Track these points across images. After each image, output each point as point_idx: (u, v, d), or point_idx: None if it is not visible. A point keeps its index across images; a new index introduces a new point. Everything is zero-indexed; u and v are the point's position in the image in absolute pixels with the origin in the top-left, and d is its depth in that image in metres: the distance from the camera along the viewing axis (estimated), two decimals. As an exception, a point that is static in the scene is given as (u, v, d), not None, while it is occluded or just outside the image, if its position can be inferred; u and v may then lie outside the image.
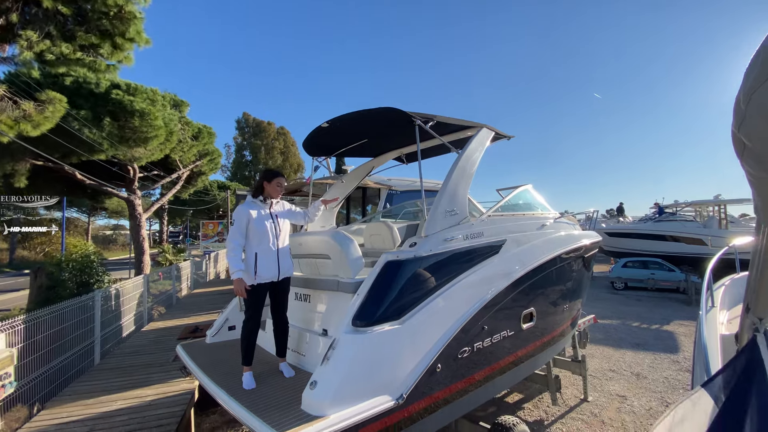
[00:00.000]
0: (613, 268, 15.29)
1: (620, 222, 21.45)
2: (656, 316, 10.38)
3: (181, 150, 15.11)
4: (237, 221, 2.94)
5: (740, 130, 0.87)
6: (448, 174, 3.22)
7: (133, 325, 7.49)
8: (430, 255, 2.87)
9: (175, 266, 11.63)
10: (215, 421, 4.94)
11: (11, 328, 3.86)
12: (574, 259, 4.48)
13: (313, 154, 4.53)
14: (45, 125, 8.30)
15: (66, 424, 3.65)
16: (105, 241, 43.50)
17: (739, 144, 0.93)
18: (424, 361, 2.61)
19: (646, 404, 5.23)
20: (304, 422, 2.07)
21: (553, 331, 4.18)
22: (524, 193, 4.36)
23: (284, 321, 3.08)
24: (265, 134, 46.05)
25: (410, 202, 6.29)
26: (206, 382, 2.79)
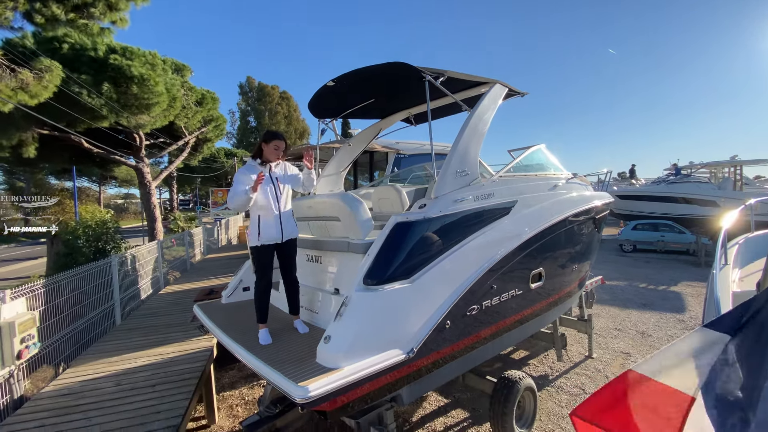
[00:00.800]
0: (622, 230, 15.21)
1: (632, 184, 21.06)
2: (664, 278, 10.43)
3: (186, 116, 14.92)
4: (236, 184, 2.92)
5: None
6: (459, 133, 3.13)
7: (151, 289, 7.75)
8: (440, 216, 2.85)
9: (188, 232, 11.84)
10: (233, 377, 5.22)
11: (31, 293, 3.99)
12: (584, 220, 4.43)
13: (319, 116, 4.42)
14: (43, 95, 8.19)
15: (92, 380, 3.87)
16: (117, 209, 44.25)
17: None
18: (434, 318, 2.67)
19: (649, 361, 5.36)
20: (319, 374, 2.15)
21: (560, 291, 4.22)
22: (537, 153, 4.25)
23: (294, 281, 3.14)
24: (269, 99, 45.17)
25: (418, 166, 6.21)
26: (224, 339, 2.90)
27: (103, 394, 3.56)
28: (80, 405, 3.38)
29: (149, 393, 3.53)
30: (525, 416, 3.78)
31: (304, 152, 3.14)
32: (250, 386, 4.96)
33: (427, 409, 4.28)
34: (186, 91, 14.66)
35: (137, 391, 3.57)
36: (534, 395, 3.82)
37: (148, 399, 3.43)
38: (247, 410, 4.41)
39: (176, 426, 2.97)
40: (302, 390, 1.99)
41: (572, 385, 4.71)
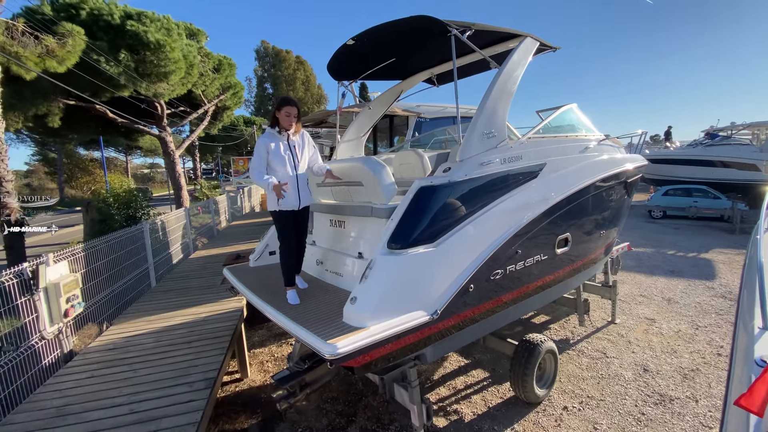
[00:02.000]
0: (652, 196, 14.62)
1: (666, 147, 19.94)
2: (694, 245, 10.08)
3: (204, 84, 14.88)
4: (256, 153, 3.00)
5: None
6: (487, 92, 2.98)
7: (181, 254, 8.11)
8: (465, 180, 2.79)
9: (212, 200, 12.15)
10: (263, 335, 5.50)
11: (72, 256, 4.22)
12: (615, 184, 4.26)
13: (339, 77, 4.29)
14: (69, 60, 8.26)
15: (134, 336, 4.16)
16: (143, 179, 45.70)
17: None
18: (458, 281, 2.68)
19: (675, 327, 5.30)
20: (347, 332, 2.22)
21: (586, 257, 4.14)
22: (568, 113, 4.03)
23: (302, 244, 3.28)
24: (285, 64, 44.28)
25: (440, 130, 6.04)
26: (254, 299, 3.01)
27: (145, 349, 3.82)
28: (125, 358, 3.66)
29: (186, 349, 3.77)
30: (545, 377, 3.85)
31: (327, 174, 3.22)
32: (279, 344, 5.22)
33: (447, 369, 4.42)
34: (203, 58, 14.52)
35: (175, 347, 3.82)
36: (555, 358, 3.87)
37: (186, 354, 3.66)
38: (276, 366, 4.67)
39: (213, 378, 3.18)
40: (331, 347, 2.07)
41: (593, 349, 4.73)
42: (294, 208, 3.06)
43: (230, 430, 3.57)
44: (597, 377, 4.15)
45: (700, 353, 4.59)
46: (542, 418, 3.53)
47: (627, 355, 4.58)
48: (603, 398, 3.79)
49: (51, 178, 36.42)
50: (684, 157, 16.88)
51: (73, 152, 35.57)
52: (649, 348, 4.73)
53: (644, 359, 4.47)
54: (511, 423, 3.49)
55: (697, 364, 4.35)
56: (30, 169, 39.41)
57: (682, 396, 3.79)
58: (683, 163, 16.60)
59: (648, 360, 4.45)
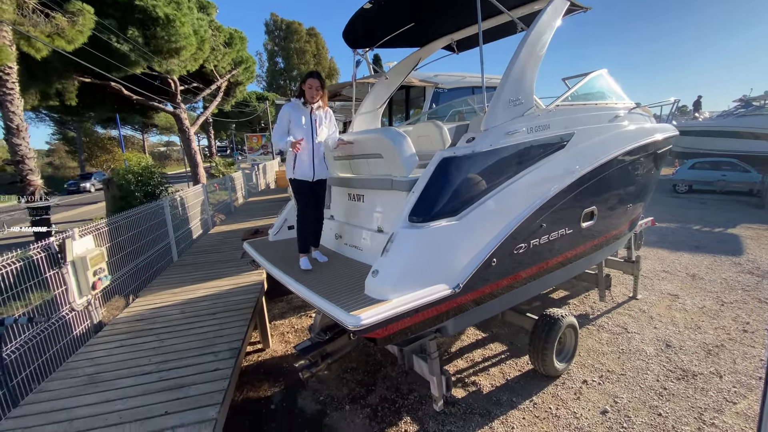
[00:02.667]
0: (678, 169, 14.07)
1: (695, 118, 18.97)
2: (720, 219, 9.73)
3: (215, 59, 14.72)
4: (279, 120, 3.13)
5: None
6: (513, 57, 2.81)
7: (201, 229, 8.25)
8: (490, 151, 2.68)
9: (229, 177, 12.24)
10: (283, 308, 5.62)
11: (96, 231, 4.32)
12: (645, 156, 4.06)
13: (354, 45, 4.13)
14: (78, 39, 8.20)
15: (159, 308, 4.29)
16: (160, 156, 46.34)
17: None
18: (480, 255, 2.62)
19: (699, 303, 5.17)
20: (369, 305, 2.22)
21: (612, 232, 4.02)
22: (597, 79, 3.80)
23: (320, 217, 3.35)
24: (296, 37, 43.28)
25: (459, 101, 5.83)
26: (275, 272, 3.03)
27: (171, 320, 3.94)
28: (152, 329, 3.78)
29: (211, 320, 3.88)
30: (565, 351, 3.84)
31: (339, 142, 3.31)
32: (298, 316, 5.33)
33: (465, 342, 4.45)
34: (213, 32, 14.28)
35: (200, 319, 3.93)
36: (575, 333, 3.84)
37: (211, 325, 3.76)
38: (297, 337, 4.78)
39: (237, 348, 3.27)
40: (355, 319, 2.07)
41: (614, 324, 4.68)
42: (308, 179, 3.16)
43: (254, 397, 3.70)
44: (617, 352, 4.11)
45: (725, 329, 4.49)
46: (561, 391, 3.54)
47: (649, 330, 4.51)
48: (623, 372, 3.76)
49: (72, 156, 37.27)
50: (713, 128, 16.04)
51: (92, 131, 36.15)
52: (672, 323, 4.65)
53: (667, 335, 4.40)
54: (529, 395, 3.51)
55: (721, 340, 4.26)
56: (51, 148, 40.38)
57: (706, 371, 3.73)
58: (712, 135, 15.80)
59: (671, 335, 4.38)
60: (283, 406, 3.54)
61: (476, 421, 3.20)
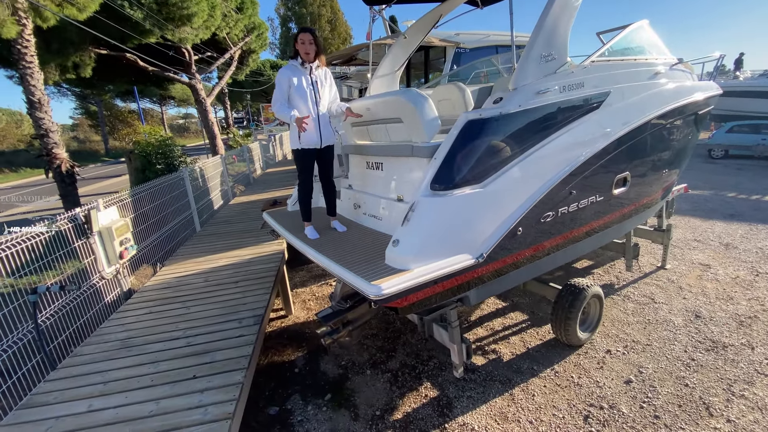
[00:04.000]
0: (714, 134, 13.22)
1: (736, 78, 17.58)
2: (758, 186, 9.17)
3: (228, 26, 14.36)
4: (278, 85, 2.94)
5: None
6: (547, 6, 2.55)
7: (221, 200, 8.37)
8: (519, 112, 2.50)
9: (246, 148, 12.25)
10: (303, 276, 5.71)
11: (120, 202, 4.39)
12: (684, 117, 3.77)
13: (371, 2, 3.88)
14: (90, 6, 8.05)
15: (185, 276, 4.40)
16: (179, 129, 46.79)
17: None
18: (506, 224, 2.52)
19: (732, 273, 4.95)
20: (390, 275, 2.17)
21: (644, 198, 3.81)
22: (637, 31, 3.46)
23: (331, 184, 3.28)
24: (310, 0, 41.61)
25: (482, 60, 5.50)
26: (295, 242, 3.02)
27: (196, 288, 4.05)
28: (178, 296, 3.90)
29: (234, 288, 3.96)
30: (589, 321, 3.76)
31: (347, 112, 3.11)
32: (319, 285, 5.41)
33: (485, 311, 4.43)
34: (224, -4, 13.84)
35: (224, 287, 4.02)
36: (601, 303, 3.74)
37: (234, 293, 3.85)
38: (318, 304, 4.87)
39: (261, 315, 3.33)
40: (376, 288, 2.03)
41: (640, 294, 4.55)
42: (316, 146, 3.04)
43: (279, 361, 3.82)
44: (643, 322, 4.01)
45: (758, 300, 4.30)
46: (584, 360, 3.50)
47: (677, 300, 4.37)
48: (649, 343, 3.67)
49: (95, 130, 38.08)
50: (755, 88, 14.85)
51: (112, 104, 36.65)
52: (702, 294, 4.48)
53: (696, 305, 4.25)
54: (551, 363, 3.48)
55: (755, 312, 4.08)
56: (75, 123, 41.31)
57: (737, 343, 3.60)
58: (754, 95, 14.64)
59: (701, 306, 4.23)
60: (307, 370, 3.65)
61: (496, 387, 3.22)
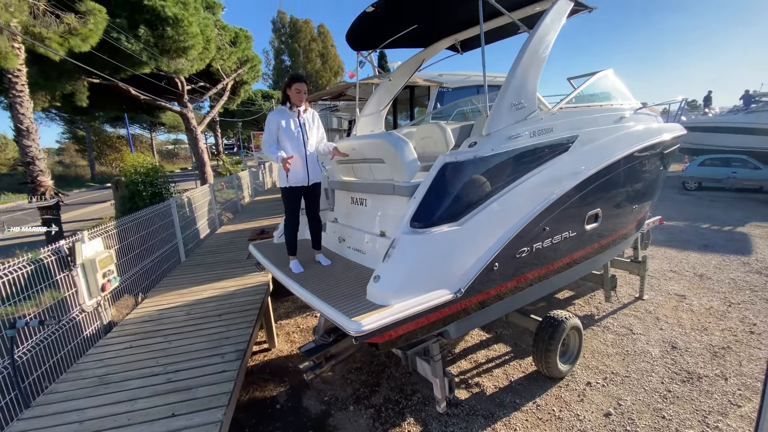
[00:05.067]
0: (687, 166, 13.86)
1: (705, 114, 18.66)
2: (730, 218, 9.59)
3: (221, 58, 14.79)
4: (267, 128, 3.11)
5: None
6: (516, 59, 2.80)
7: (208, 229, 8.35)
8: (492, 155, 2.68)
9: (235, 176, 12.34)
10: (288, 307, 5.68)
11: (105, 233, 4.39)
12: (651, 156, 4.03)
13: (357, 47, 4.14)
14: (92, 38, 8.30)
15: (167, 309, 4.36)
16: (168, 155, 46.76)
17: None
18: (483, 260, 2.63)
19: (706, 303, 5.13)
20: (370, 310, 2.24)
21: (617, 233, 4.00)
22: (602, 80, 3.77)
23: (317, 219, 3.41)
24: (303, 35, 43.19)
25: (464, 100, 5.81)
26: (279, 275, 3.08)
27: (178, 322, 4.01)
28: (160, 330, 3.85)
29: (217, 321, 3.94)
30: (569, 353, 3.83)
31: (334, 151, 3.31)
32: (304, 316, 5.39)
33: (469, 342, 4.46)
34: (219, 31, 14.36)
35: (207, 320, 3.99)
36: (579, 334, 3.83)
37: (217, 326, 3.82)
38: (302, 336, 4.84)
39: (243, 350, 3.32)
40: (356, 324, 2.09)
41: (619, 326, 4.66)
42: (303, 184, 3.19)
43: (260, 397, 3.76)
44: (622, 354, 4.10)
45: (731, 331, 4.45)
46: (565, 393, 3.54)
47: (654, 331, 4.49)
48: (628, 374, 3.75)
49: (82, 155, 37.77)
50: (723, 124, 15.77)
51: (101, 130, 36.57)
52: (678, 325, 4.61)
53: (673, 336, 4.37)
54: (532, 397, 3.52)
55: (728, 342, 4.22)
56: (61, 147, 40.96)
57: (711, 374, 3.71)
58: (722, 131, 15.53)
59: (677, 337, 4.35)
60: (289, 406, 3.59)
61: (479, 422, 3.22)
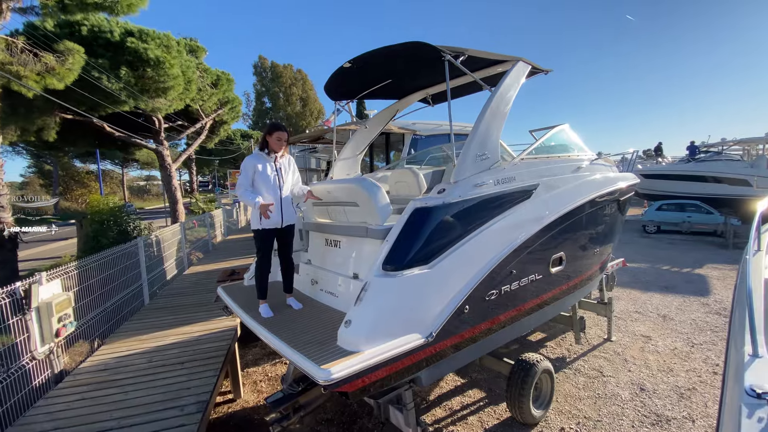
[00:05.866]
0: (646, 211, 14.77)
1: (658, 163, 20.23)
2: (688, 260, 10.14)
3: (202, 99, 15.03)
4: (243, 172, 3.17)
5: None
6: (480, 114, 3.04)
7: (175, 269, 8.04)
8: (459, 201, 2.82)
9: (208, 214, 12.12)
10: (256, 354, 5.43)
11: (65, 274, 4.18)
12: (608, 202, 4.31)
13: (335, 98, 4.37)
14: (69, 77, 8.33)
15: (125, 357, 4.09)
16: (139, 191, 45.53)
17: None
18: (453, 302, 2.68)
19: (671, 344, 5.29)
20: (341, 357, 2.21)
21: (581, 275, 4.16)
22: (560, 133, 4.11)
23: (289, 261, 3.40)
24: (284, 79, 44.75)
25: (436, 147, 6.11)
26: (248, 320, 2.99)
27: (137, 370, 3.76)
28: (116, 380, 3.59)
29: (179, 370, 3.72)
30: (542, 398, 3.82)
31: (308, 194, 3.38)
32: (273, 363, 5.15)
33: (444, 389, 4.37)
34: (201, 73, 14.71)
35: (168, 368, 3.76)
36: (551, 378, 3.84)
37: (179, 375, 3.61)
38: (270, 386, 4.60)
39: (205, 402, 3.13)
40: (325, 372, 2.05)
41: (590, 368, 4.71)
42: (277, 226, 3.22)
43: (222, 453, 3.50)
44: (594, 397, 4.12)
45: (696, 372, 4.58)
46: (539, 440, 3.49)
47: (623, 373, 4.56)
48: (600, 419, 3.75)
49: (46, 190, 36.24)
50: (676, 172, 17.13)
51: (69, 164, 35.52)
52: (645, 366, 4.72)
53: (641, 378, 4.45)
54: (507, 445, 3.44)
55: (693, 383, 4.33)
56: (25, 181, 39.27)
57: (679, 416, 3.77)
58: (676, 178, 16.83)
59: (644, 379, 4.44)
60: (252, 464, 3.35)
61: (453, 475, 3.10)
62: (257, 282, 3.20)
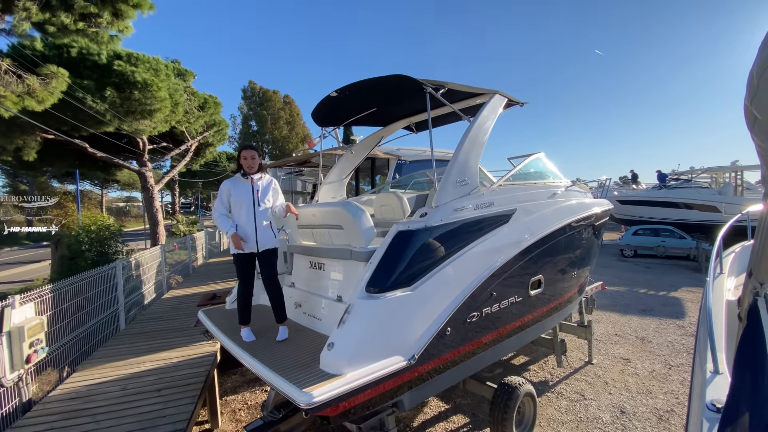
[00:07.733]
0: (623, 235, 15.25)
1: (633, 189, 21.09)
2: (664, 283, 10.45)
3: (188, 121, 15.05)
4: (219, 196, 3.18)
5: (752, 103, 0.89)
6: (460, 143, 3.20)
7: (154, 293, 7.82)
8: (441, 225, 2.92)
9: (190, 237, 11.92)
10: (236, 381, 5.27)
11: (39, 298, 4.06)
12: (584, 227, 4.49)
13: (322, 124, 4.51)
14: (49, 100, 8.30)
15: (99, 384, 3.93)
16: (119, 213, 44.37)
17: (751, 117, 0.94)
18: (435, 324, 2.73)
19: (649, 366, 5.40)
20: (323, 380, 2.21)
21: (560, 298, 4.27)
22: (536, 161, 4.32)
23: (276, 288, 3.25)
24: (271, 104, 45.31)
25: (419, 172, 6.28)
26: (229, 345, 2.96)
27: (110, 398, 3.61)
28: (88, 408, 3.44)
29: (155, 397, 3.59)
30: (525, 422, 3.82)
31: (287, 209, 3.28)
32: (253, 391, 5.00)
33: (428, 414, 4.33)
34: (188, 96, 14.80)
35: (143, 396, 3.63)
36: (534, 401, 3.86)
37: (154, 403, 3.48)
38: (249, 414, 4.45)
39: (182, 430, 3.02)
40: (307, 396, 2.05)
41: (572, 391, 4.75)
42: (253, 251, 3.14)
43: (197, 487, 3.34)
44: (576, 420, 4.14)
45: (673, 393, 4.67)
46: (522, 466, 3.47)
47: (604, 396, 4.62)
48: (582, 443, 3.77)
49: (20, 210, 34.94)
50: (650, 198, 17.88)
51: (47, 184, 34.53)
52: (625, 389, 4.79)
53: (621, 401, 4.51)
54: (491, 472, 3.41)
55: (671, 405, 4.41)
56: (-3, 202, 37.82)
57: (659, 438, 3.82)
58: (650, 204, 17.55)
59: (625, 401, 4.50)
60: (229, 497, 3.22)
61: (436, 504, 3.04)
62: (238, 307, 3.15)
